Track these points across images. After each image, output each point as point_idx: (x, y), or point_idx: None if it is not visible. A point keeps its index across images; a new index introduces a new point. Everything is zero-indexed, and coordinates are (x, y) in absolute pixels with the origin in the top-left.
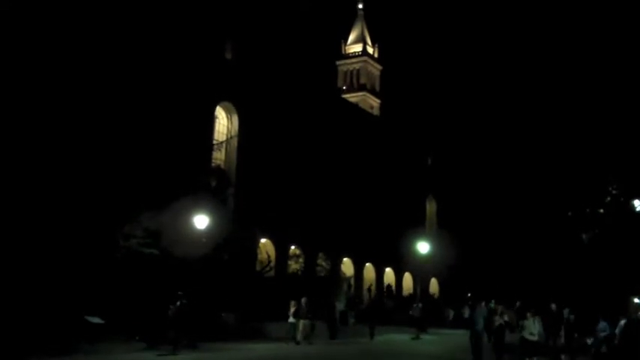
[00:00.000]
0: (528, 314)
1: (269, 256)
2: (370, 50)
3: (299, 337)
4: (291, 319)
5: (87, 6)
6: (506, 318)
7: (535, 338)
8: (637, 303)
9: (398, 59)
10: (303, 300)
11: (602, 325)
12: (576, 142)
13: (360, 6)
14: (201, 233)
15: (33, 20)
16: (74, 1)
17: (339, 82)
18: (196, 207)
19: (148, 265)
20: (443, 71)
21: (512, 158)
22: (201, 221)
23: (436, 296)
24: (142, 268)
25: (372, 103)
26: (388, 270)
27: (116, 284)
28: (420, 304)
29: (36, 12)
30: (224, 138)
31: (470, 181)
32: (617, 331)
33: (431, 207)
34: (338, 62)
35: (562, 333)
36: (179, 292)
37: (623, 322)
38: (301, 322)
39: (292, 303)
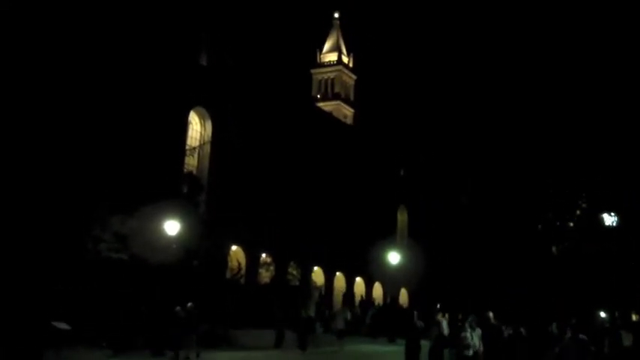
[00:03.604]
0: (467, 325)
1: (239, 264)
2: (345, 60)
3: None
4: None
5: (58, 9)
6: (444, 330)
7: (470, 353)
8: (603, 318)
9: (372, 70)
10: (189, 305)
11: None
12: (547, 155)
13: (336, 15)
14: (171, 239)
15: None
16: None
17: (314, 91)
18: (167, 212)
19: (116, 271)
20: (417, 83)
21: (483, 170)
22: (171, 227)
23: (405, 306)
24: (110, 273)
25: (345, 112)
26: (358, 280)
27: (84, 289)
28: (345, 315)
29: None
30: (197, 144)
31: (442, 193)
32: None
33: (402, 217)
34: (313, 70)
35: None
36: None
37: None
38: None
39: (178, 309)
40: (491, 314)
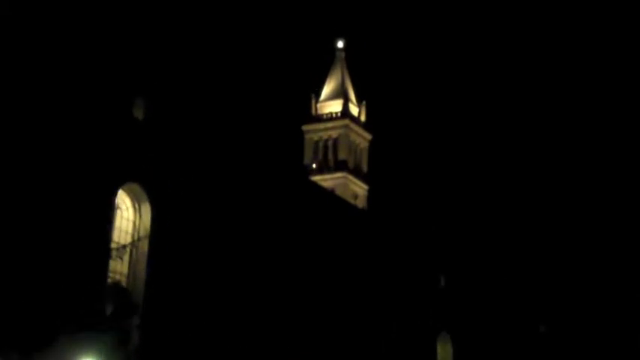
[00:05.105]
0: None
1: None
2: (354, 110)
3: None
4: None
5: None
6: None
7: None
8: None
9: (394, 126)
10: None
11: None
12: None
13: (340, 44)
14: None
15: None
16: None
17: (307, 157)
18: (81, 348)
19: None
20: (456, 147)
21: (565, 285)
22: None
23: None
24: None
25: (356, 189)
26: None
27: None
28: None
29: None
30: (128, 240)
31: (504, 315)
32: None
33: (444, 350)
34: (305, 127)
35: None
36: None
37: None
38: None
39: None
40: None
